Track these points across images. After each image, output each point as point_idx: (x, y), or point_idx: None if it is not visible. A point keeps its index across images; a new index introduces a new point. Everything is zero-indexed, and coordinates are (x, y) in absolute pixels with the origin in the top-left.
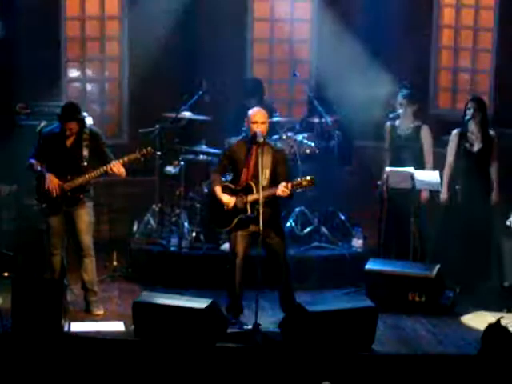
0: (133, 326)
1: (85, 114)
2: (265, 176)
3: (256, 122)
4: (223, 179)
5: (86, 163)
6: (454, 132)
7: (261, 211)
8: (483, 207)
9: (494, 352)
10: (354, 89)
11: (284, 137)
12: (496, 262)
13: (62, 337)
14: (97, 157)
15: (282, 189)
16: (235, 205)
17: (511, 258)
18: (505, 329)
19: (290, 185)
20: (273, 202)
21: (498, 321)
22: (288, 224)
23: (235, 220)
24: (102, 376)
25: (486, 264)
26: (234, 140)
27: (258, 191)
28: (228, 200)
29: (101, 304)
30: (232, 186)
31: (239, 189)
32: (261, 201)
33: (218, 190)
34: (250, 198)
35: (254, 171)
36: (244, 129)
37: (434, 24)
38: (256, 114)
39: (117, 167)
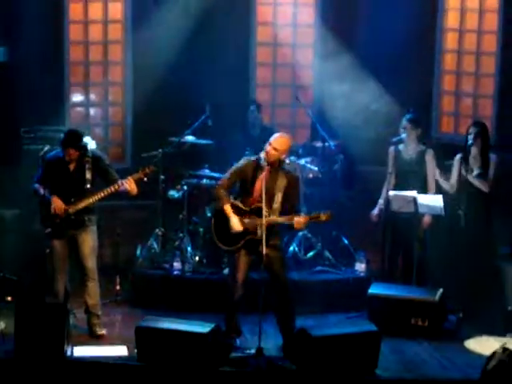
0: (136, 350)
1: (88, 137)
2: (277, 200)
3: (270, 145)
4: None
5: (89, 186)
6: (457, 157)
7: (264, 234)
8: (485, 232)
9: (497, 376)
10: (357, 112)
11: (287, 161)
12: (499, 287)
13: (65, 362)
14: (103, 178)
15: (298, 223)
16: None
17: None
18: (509, 352)
19: (307, 218)
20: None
21: (504, 346)
22: (291, 248)
23: (242, 241)
24: None
25: (489, 288)
26: (249, 158)
27: (269, 215)
28: (237, 225)
29: (103, 326)
30: (241, 206)
31: (248, 210)
32: (264, 225)
33: (228, 209)
34: (265, 221)
35: (266, 193)
36: (247, 152)
37: (436, 47)
38: (276, 138)
39: (129, 183)
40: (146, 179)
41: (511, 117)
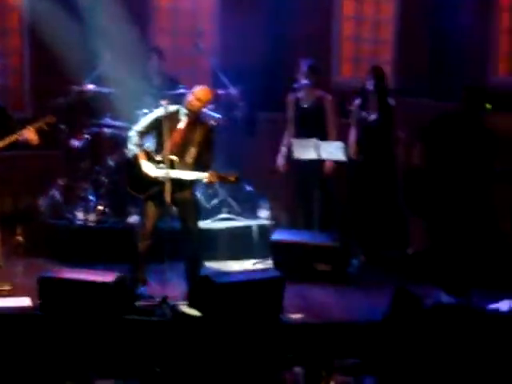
0: (39, 301)
1: None
2: (191, 153)
3: (193, 95)
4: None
5: None
6: (356, 103)
7: (169, 184)
8: (387, 177)
9: (400, 316)
10: (258, 60)
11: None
12: (401, 230)
13: None
14: (2, 128)
15: (209, 179)
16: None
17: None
18: (411, 294)
19: (216, 176)
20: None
21: (405, 286)
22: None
23: (152, 190)
24: (8, 351)
25: (392, 231)
26: (168, 108)
27: (178, 168)
28: (149, 171)
29: (7, 279)
30: (154, 156)
31: (161, 160)
32: (167, 177)
33: (141, 156)
34: (173, 174)
35: (180, 146)
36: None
37: None
38: (199, 88)
39: (29, 133)
40: (46, 128)
41: (409, 61)
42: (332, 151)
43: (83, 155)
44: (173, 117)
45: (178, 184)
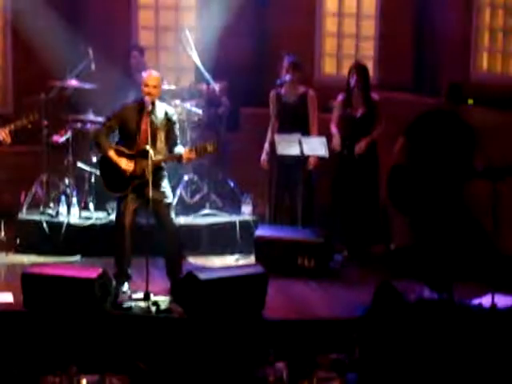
0: (22, 297)
1: None
2: (160, 138)
3: (147, 86)
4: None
5: None
6: (339, 98)
7: (150, 177)
8: (369, 171)
9: (382, 311)
10: (241, 56)
11: (172, 105)
12: (383, 225)
13: None
14: None
15: (188, 155)
16: (133, 170)
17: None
18: (394, 289)
19: (194, 150)
20: (160, 167)
21: (388, 281)
22: (178, 192)
23: (131, 186)
24: None
25: (374, 227)
26: (127, 103)
27: (155, 156)
28: (127, 166)
29: None
30: (126, 151)
31: (134, 153)
32: (150, 167)
33: (112, 154)
34: (150, 162)
35: (148, 135)
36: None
37: None
38: (148, 76)
39: (2, 134)
40: (29, 126)
41: (391, 57)
42: (315, 147)
43: (65, 151)
44: (139, 110)
45: (153, 180)
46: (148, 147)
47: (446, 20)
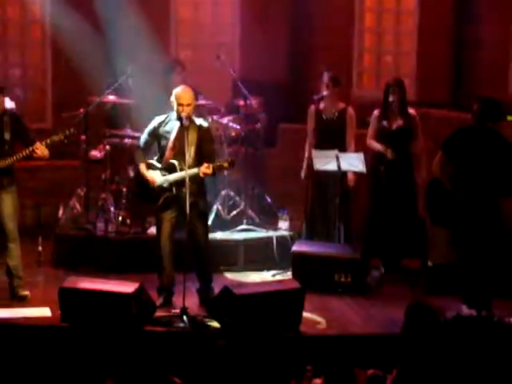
0: (59, 312)
1: (6, 98)
2: (190, 154)
3: (182, 105)
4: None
5: (7, 147)
6: (374, 114)
7: (187, 192)
8: (407, 186)
9: (416, 329)
10: (279, 72)
11: (209, 120)
12: (421, 242)
13: None
14: (20, 140)
15: (204, 170)
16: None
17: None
18: (427, 307)
19: (211, 166)
20: (198, 181)
21: (421, 299)
22: (215, 207)
23: (161, 199)
24: (30, 362)
25: (411, 241)
26: (160, 117)
27: (180, 170)
28: (152, 178)
29: (26, 288)
30: (157, 165)
31: (163, 167)
32: (187, 180)
33: (142, 167)
34: (172, 177)
35: (178, 149)
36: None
37: (356, 7)
38: (181, 95)
39: (40, 149)
40: (65, 141)
41: (429, 74)
42: (352, 163)
43: (103, 166)
44: (166, 124)
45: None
46: (174, 161)
47: (483, 36)
